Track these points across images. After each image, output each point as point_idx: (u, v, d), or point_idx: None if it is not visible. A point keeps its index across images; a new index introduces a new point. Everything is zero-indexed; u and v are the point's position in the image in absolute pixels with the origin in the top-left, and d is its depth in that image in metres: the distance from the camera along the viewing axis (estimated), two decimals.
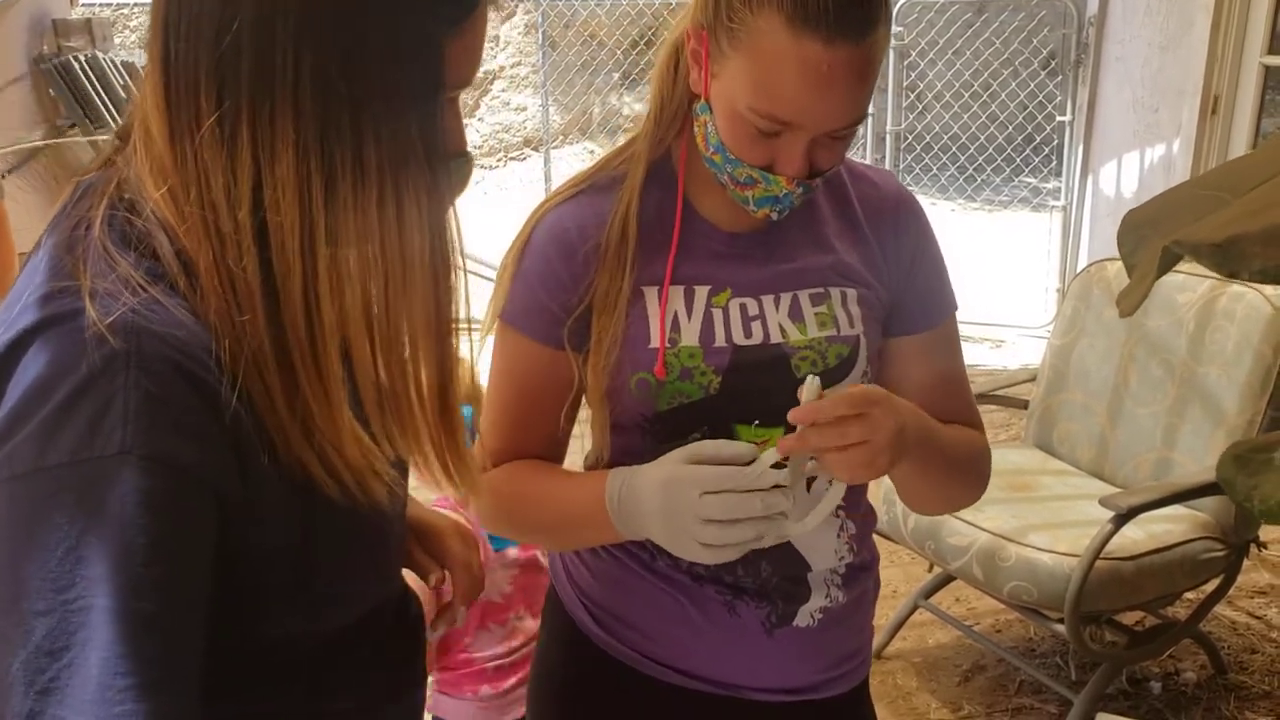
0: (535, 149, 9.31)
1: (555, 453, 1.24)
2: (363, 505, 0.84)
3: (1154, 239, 0.56)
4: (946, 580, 2.91)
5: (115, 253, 0.76)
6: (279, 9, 0.73)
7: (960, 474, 1.23)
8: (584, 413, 1.24)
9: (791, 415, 1.02)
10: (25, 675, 0.68)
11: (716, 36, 1.06)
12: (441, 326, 0.85)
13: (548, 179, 6.70)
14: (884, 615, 3.00)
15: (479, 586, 1.12)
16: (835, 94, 1.03)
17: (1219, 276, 2.69)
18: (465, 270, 0.86)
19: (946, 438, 1.19)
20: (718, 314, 1.16)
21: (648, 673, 1.24)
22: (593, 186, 1.19)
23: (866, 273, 1.21)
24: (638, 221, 1.16)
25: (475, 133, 9.61)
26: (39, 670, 0.69)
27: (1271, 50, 4.10)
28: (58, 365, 0.72)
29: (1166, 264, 0.52)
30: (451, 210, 0.85)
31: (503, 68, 9.63)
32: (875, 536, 1.35)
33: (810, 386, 1.03)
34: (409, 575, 1.07)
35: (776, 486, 1.01)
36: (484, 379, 1.27)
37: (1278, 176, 0.58)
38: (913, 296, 1.24)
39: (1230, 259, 0.50)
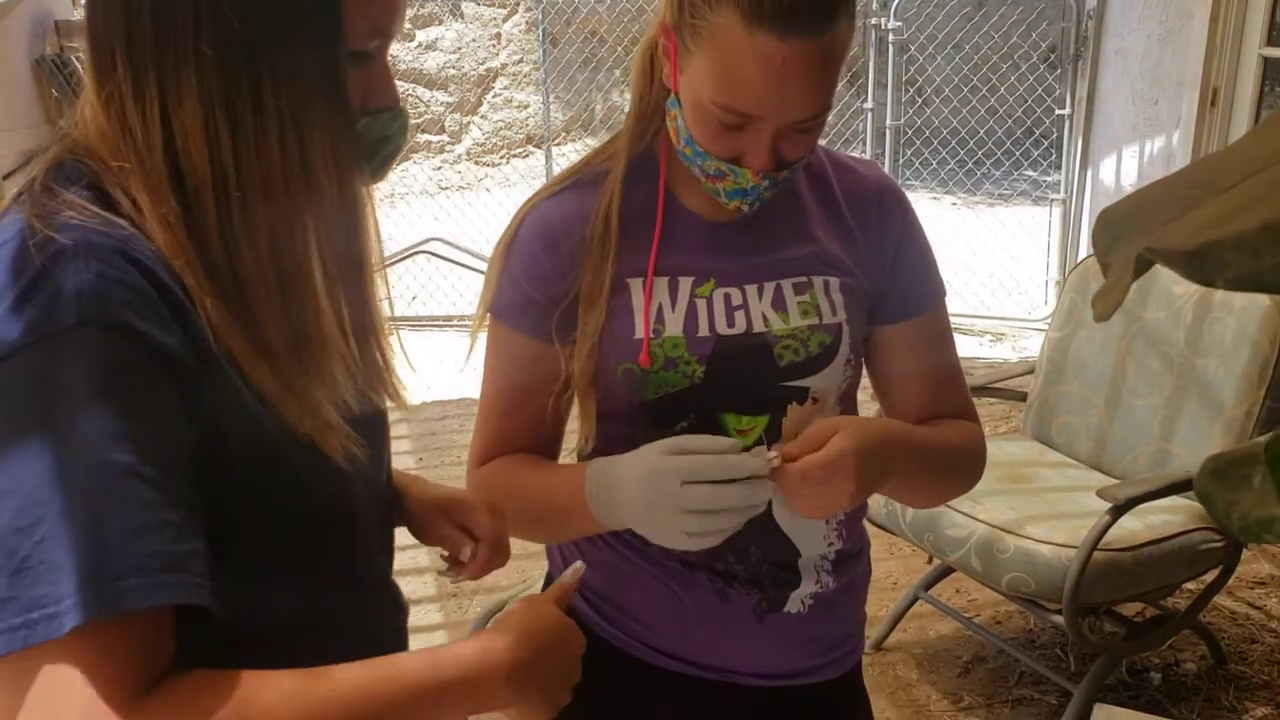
0: (538, 146, 9.31)
1: (547, 446, 1.26)
2: (315, 458, 0.86)
3: (1129, 239, 0.57)
4: (946, 572, 2.93)
5: (57, 187, 0.80)
6: None
7: (951, 473, 1.26)
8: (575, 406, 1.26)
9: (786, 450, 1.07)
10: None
11: (682, 34, 1.09)
12: (358, 268, 0.89)
13: (549, 176, 6.70)
14: (884, 607, 3.01)
15: (503, 560, 1.13)
16: (792, 87, 1.06)
17: None
18: (384, 265, 0.91)
19: (932, 445, 1.21)
20: (701, 304, 1.18)
21: (642, 658, 1.26)
22: (577, 183, 1.22)
23: (849, 261, 1.23)
24: (620, 215, 1.18)
25: (478, 130, 9.61)
26: (12, 550, 0.68)
27: (1270, 42, 4.10)
28: (8, 271, 0.75)
29: (1139, 271, 0.53)
30: (379, 179, 0.89)
31: (505, 65, 9.63)
32: (874, 529, 1.37)
33: (792, 412, 1.11)
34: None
35: (754, 477, 1.04)
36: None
37: (1254, 176, 0.59)
38: (898, 284, 1.26)
39: (1203, 267, 0.51)
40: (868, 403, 1.34)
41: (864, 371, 1.28)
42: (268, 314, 0.83)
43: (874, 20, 5.76)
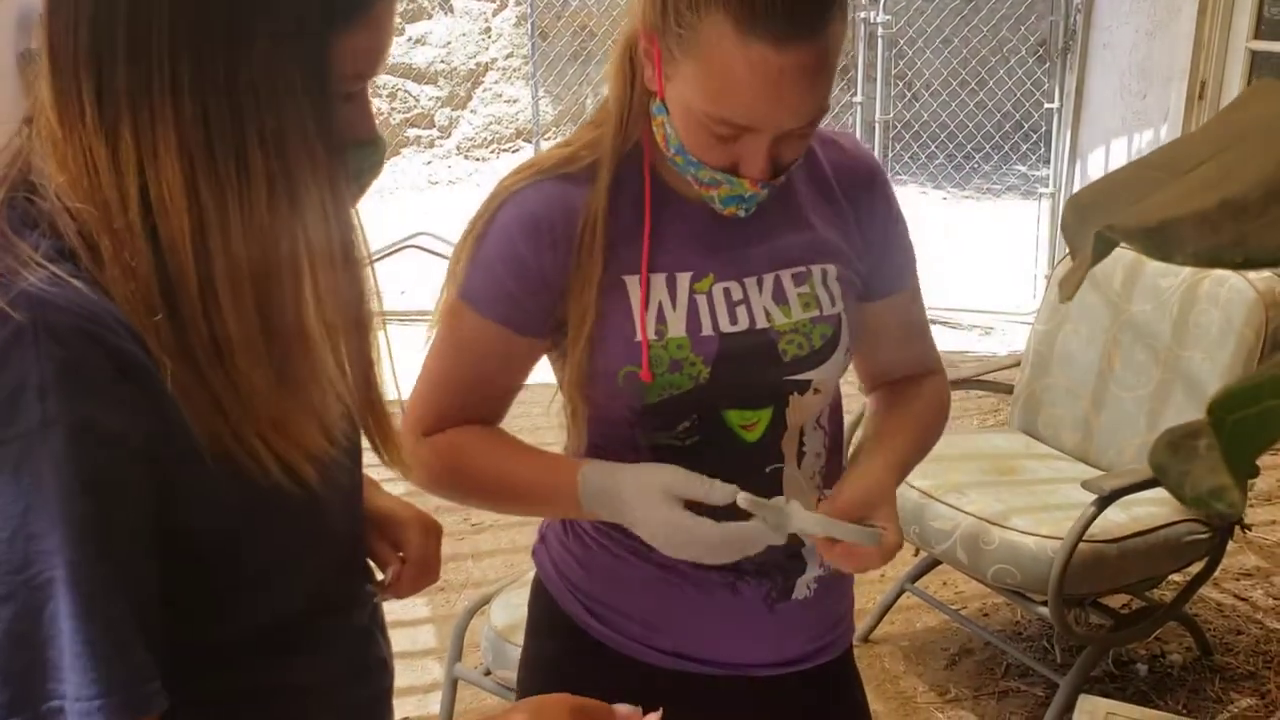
0: (527, 140, 9.29)
1: (495, 418, 1.25)
2: (289, 488, 0.83)
3: (1095, 221, 0.58)
4: (933, 564, 2.93)
5: (13, 236, 0.76)
6: (154, 11, 0.73)
7: (925, 448, 1.32)
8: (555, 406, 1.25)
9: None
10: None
11: (666, 41, 1.04)
12: (359, 318, 0.86)
13: None
14: (871, 599, 3.02)
15: (431, 579, 1.12)
16: (791, 96, 1.02)
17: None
18: (372, 263, 0.87)
19: (911, 449, 1.28)
20: (702, 300, 1.15)
21: (643, 659, 1.25)
22: (561, 176, 1.16)
23: (843, 244, 1.22)
24: (607, 224, 1.14)
25: (468, 124, 9.59)
26: (12, 656, 0.70)
27: (1258, 35, 4.11)
28: None
29: (1101, 250, 0.53)
30: (354, 206, 0.85)
31: (495, 60, 9.61)
32: None
33: (794, 402, 1.17)
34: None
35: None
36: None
37: (1215, 158, 0.59)
38: (886, 262, 1.27)
39: (1163, 244, 0.51)
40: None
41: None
42: (247, 371, 0.80)
43: (863, 14, 5.77)
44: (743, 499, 1.06)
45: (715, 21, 0.99)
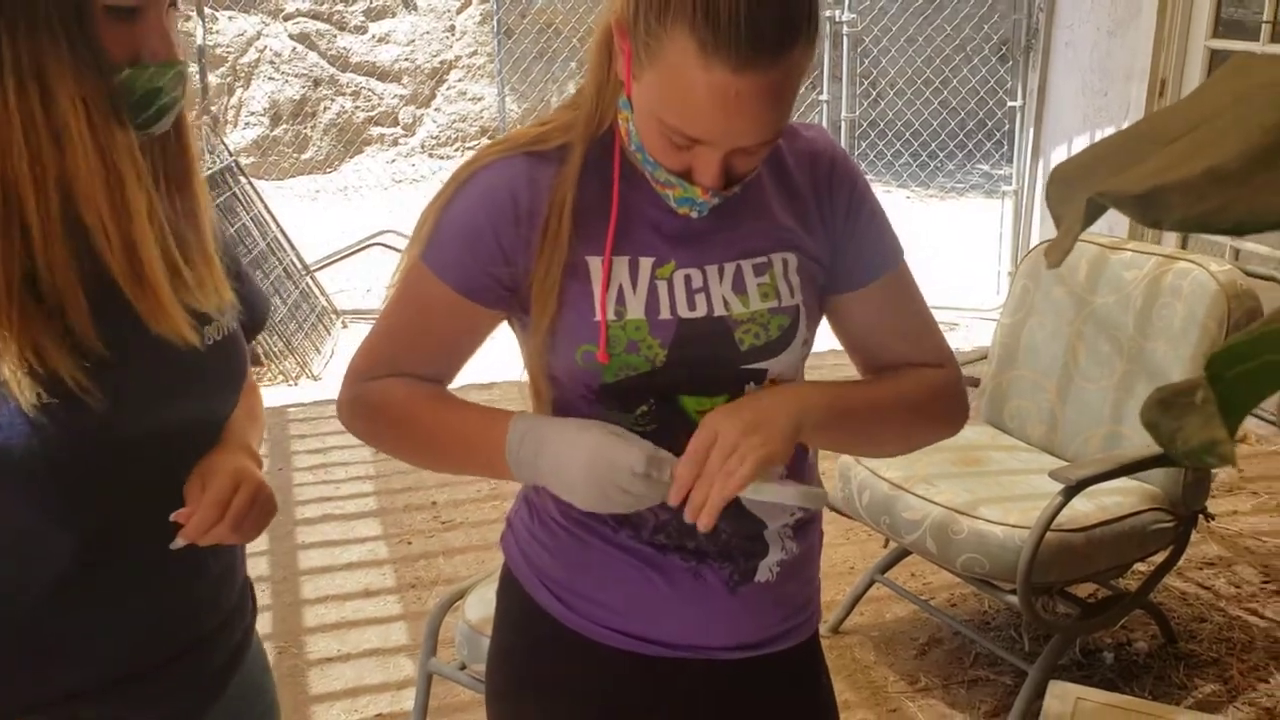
0: (492, 139, 9.27)
1: (443, 377, 1.26)
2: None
3: (1080, 190, 0.59)
4: (902, 555, 2.95)
5: None
6: None
7: (899, 420, 1.26)
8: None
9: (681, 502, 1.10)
10: None
11: (635, 43, 1.06)
12: (124, 214, 0.96)
13: None
14: (841, 590, 3.04)
15: (229, 532, 1.11)
16: (746, 118, 1.04)
17: (1167, 252, 2.75)
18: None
19: (865, 397, 1.22)
20: (662, 285, 1.17)
21: (613, 644, 1.26)
22: (530, 153, 1.18)
23: (804, 235, 1.22)
24: (577, 202, 1.16)
25: (433, 123, 9.55)
26: None
27: (1216, 34, 4.18)
28: None
29: (1091, 216, 0.54)
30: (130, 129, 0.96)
31: (459, 57, 9.58)
32: (831, 513, 1.38)
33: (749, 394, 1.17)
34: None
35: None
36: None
37: (1200, 128, 0.60)
38: (853, 250, 1.25)
39: (1151, 209, 0.52)
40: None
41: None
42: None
43: (828, 13, 5.80)
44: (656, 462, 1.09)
45: (679, 38, 1.01)
